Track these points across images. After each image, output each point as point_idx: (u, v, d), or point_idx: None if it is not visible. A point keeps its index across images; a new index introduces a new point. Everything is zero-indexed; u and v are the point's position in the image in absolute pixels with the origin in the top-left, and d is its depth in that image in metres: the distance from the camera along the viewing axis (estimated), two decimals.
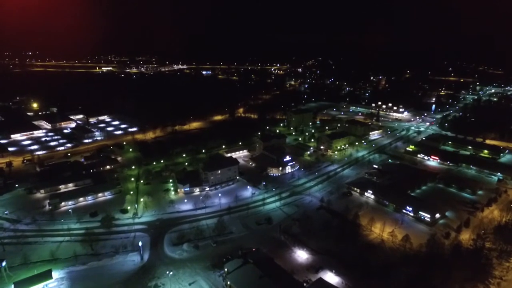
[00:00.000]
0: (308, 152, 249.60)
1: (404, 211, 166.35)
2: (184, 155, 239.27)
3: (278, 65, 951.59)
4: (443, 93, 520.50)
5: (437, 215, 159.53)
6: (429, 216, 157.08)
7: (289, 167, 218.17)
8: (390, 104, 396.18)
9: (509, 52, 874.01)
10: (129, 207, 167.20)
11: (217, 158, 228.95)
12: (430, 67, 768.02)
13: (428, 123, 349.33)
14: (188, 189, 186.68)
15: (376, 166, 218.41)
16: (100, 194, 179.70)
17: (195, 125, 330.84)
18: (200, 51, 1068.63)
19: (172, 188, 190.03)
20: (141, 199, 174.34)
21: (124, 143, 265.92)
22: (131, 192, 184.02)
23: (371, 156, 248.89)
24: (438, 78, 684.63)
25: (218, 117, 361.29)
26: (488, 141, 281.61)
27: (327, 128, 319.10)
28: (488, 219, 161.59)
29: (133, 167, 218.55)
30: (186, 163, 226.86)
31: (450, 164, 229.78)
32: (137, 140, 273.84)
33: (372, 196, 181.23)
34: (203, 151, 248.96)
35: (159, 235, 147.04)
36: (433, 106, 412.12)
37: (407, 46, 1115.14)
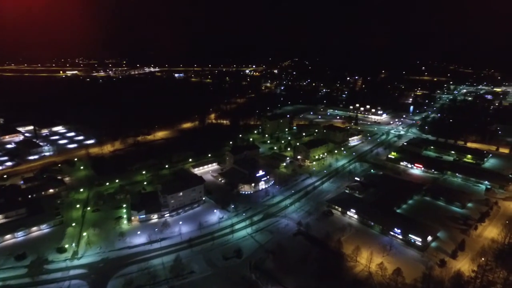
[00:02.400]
0: (284, 164, 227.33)
1: (392, 233, 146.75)
2: (144, 172, 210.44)
3: (254, 66, 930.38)
4: (419, 93, 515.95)
5: (429, 238, 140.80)
6: (420, 239, 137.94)
7: (262, 182, 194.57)
8: (368, 106, 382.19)
9: (478, 50, 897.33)
10: (67, 245, 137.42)
11: (181, 175, 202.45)
12: (404, 67, 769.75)
13: (402, 127, 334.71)
14: (144, 216, 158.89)
15: (358, 179, 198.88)
16: (34, 228, 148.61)
17: (160, 134, 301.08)
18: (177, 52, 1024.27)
19: (125, 216, 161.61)
20: (85, 233, 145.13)
21: (76, 159, 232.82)
22: (74, 224, 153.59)
23: (352, 165, 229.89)
24: (412, 77, 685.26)
25: (187, 125, 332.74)
26: (469, 144, 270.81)
27: (304, 134, 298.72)
28: (484, 238, 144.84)
29: (82, 189, 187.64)
30: (145, 182, 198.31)
31: (435, 172, 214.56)
32: (91, 155, 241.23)
33: (356, 216, 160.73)
34: (167, 166, 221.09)
35: (102, 282, 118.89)
36: (411, 107, 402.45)
37: (382, 45, 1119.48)
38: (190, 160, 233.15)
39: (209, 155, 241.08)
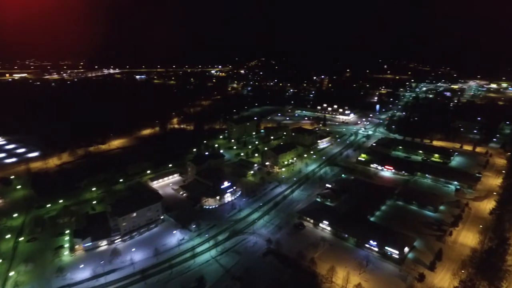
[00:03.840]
0: (252, 172, 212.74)
1: (367, 245, 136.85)
2: (94, 188, 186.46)
3: (220, 66, 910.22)
4: (383, 92, 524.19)
5: (406, 249, 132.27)
6: (397, 252, 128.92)
7: (228, 195, 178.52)
8: (335, 106, 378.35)
9: (434, 49, 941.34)
10: None
11: (137, 190, 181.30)
12: (367, 65, 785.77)
13: (367, 127, 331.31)
14: (91, 243, 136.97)
15: (329, 185, 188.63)
16: None
17: (116, 143, 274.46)
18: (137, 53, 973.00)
19: (67, 245, 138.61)
20: (13, 272, 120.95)
21: (13, 176, 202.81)
22: (1, 260, 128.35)
23: (322, 170, 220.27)
24: (376, 76, 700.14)
25: (146, 131, 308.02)
26: (435, 143, 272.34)
27: (272, 138, 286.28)
28: (460, 245, 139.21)
29: (16, 214, 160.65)
30: (95, 201, 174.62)
31: (405, 173, 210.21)
32: (32, 170, 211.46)
33: (329, 228, 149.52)
34: (121, 180, 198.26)
35: None
36: (377, 106, 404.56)
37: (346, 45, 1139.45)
38: (148, 172, 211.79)
39: (170, 165, 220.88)
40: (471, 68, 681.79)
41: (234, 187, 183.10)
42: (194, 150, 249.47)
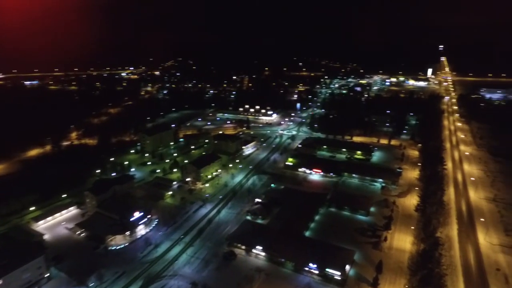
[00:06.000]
0: (170, 192, 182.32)
1: (306, 268, 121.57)
2: None
3: (132, 68, 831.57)
4: (302, 89, 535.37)
5: (347, 267, 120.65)
6: (338, 273, 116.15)
7: (141, 227, 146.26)
8: (257, 107, 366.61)
9: (343, 46, 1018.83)
10: None
11: (14, 238, 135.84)
12: (284, 63, 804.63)
13: (284, 128, 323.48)
14: None
15: (259, 200, 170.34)
16: None
17: None
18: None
19: None
20: None
21: None
22: None
23: (250, 180, 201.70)
24: (293, 73, 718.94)
25: (33, 152, 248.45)
26: (355, 139, 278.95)
27: (192, 147, 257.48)
28: (396, 250, 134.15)
29: None
30: None
31: (333, 175, 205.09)
32: None
33: (263, 253, 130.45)
34: None
35: None
36: (298, 104, 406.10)
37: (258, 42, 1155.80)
38: (33, 208, 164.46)
39: (65, 195, 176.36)
40: (373, 64, 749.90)
41: (149, 216, 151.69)
42: (98, 171, 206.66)
